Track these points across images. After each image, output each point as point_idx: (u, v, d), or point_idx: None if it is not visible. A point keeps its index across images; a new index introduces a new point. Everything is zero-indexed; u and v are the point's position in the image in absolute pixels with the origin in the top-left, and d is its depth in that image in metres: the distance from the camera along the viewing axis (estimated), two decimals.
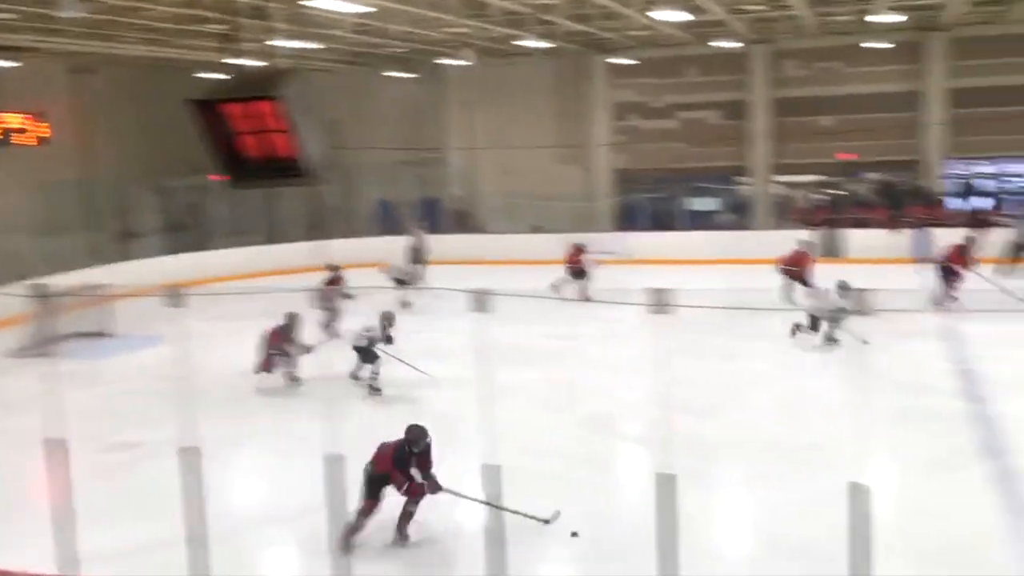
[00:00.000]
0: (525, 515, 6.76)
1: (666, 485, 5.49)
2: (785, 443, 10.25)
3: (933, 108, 24.51)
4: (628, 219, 26.10)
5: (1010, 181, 25.50)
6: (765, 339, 15.26)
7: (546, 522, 6.83)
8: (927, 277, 17.02)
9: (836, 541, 5.39)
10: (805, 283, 17.04)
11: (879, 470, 9.47)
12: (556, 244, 19.52)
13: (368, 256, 20.33)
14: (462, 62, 23.62)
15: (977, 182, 25.51)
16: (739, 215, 26.26)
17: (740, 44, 24.49)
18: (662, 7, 16.90)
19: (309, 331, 13.89)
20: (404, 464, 7.87)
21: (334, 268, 17.22)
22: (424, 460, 7.96)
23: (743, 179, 26.56)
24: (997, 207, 23.29)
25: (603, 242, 20.44)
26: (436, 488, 7.98)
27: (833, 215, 23.48)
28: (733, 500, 9.19)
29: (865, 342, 12.94)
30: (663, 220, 25.74)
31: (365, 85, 26.85)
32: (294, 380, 13.04)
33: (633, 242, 21.19)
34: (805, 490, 8.67)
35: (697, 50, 24.98)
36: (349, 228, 25.77)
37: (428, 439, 7.97)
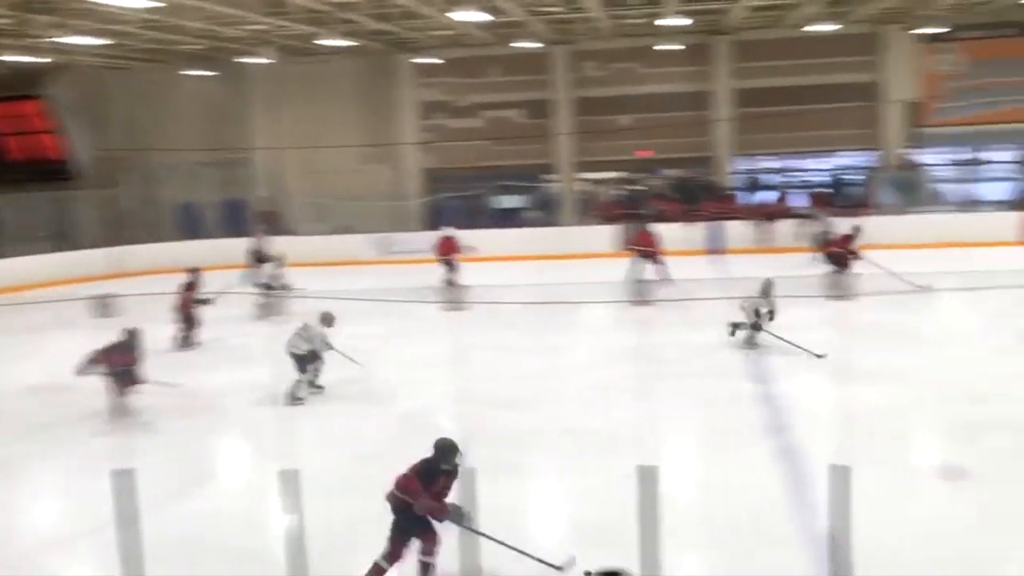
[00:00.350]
0: (538, 559, 6.36)
1: (466, 479, 5.61)
2: (593, 430, 10.58)
3: (721, 107, 25.95)
4: (437, 217, 26.24)
5: (793, 176, 27.40)
6: (575, 331, 15.74)
7: (559, 569, 6.49)
8: (718, 267, 18.00)
9: (633, 521, 5.66)
10: (656, 261, 17.81)
11: (676, 450, 9.99)
12: (365, 244, 19.35)
13: (169, 261, 19.54)
14: (263, 60, 23.04)
15: (763, 177, 27.27)
16: (546, 211, 26.92)
17: (541, 45, 25.10)
18: (462, 7, 17.06)
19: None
20: (431, 480, 6.79)
21: (193, 271, 15.47)
22: (448, 483, 6.87)
23: (549, 176, 27.24)
24: (782, 200, 24.92)
25: (413, 241, 20.50)
26: (443, 515, 6.75)
27: (631, 210, 24.45)
28: (541, 489, 9.40)
29: (819, 355, 13.08)
30: (472, 218, 26.05)
31: (163, 83, 25.70)
32: (125, 397, 11.27)
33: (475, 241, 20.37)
34: (609, 475, 8.97)
35: (500, 50, 25.44)
36: (149, 232, 24.65)
37: (460, 457, 6.88)
